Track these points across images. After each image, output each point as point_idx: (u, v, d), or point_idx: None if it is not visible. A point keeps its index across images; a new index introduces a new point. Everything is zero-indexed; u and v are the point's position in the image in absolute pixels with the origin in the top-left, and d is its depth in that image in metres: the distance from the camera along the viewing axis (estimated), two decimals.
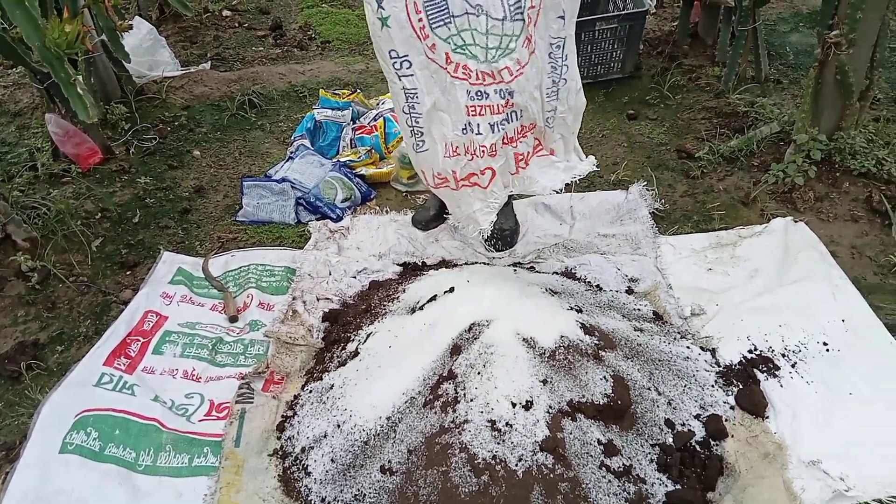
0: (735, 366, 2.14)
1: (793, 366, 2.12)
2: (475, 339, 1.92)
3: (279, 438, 2.03)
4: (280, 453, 1.98)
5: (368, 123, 3.38)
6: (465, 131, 2.06)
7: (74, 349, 2.35)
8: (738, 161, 3.10)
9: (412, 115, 2.05)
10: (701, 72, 3.82)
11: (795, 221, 2.64)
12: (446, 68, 1.98)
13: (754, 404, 1.99)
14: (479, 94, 2.02)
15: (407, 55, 1.96)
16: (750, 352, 2.18)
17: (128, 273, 2.70)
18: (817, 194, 2.81)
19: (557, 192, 2.31)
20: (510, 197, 2.74)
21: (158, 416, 2.04)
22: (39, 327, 2.43)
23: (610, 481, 1.74)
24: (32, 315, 2.48)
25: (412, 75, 1.99)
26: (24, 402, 2.14)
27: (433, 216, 2.86)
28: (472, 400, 1.81)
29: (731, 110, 3.45)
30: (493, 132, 2.06)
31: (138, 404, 2.07)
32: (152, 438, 1.98)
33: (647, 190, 2.92)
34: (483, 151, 2.08)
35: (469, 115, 2.03)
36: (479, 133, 2.04)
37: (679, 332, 2.27)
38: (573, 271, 2.57)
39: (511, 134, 2.11)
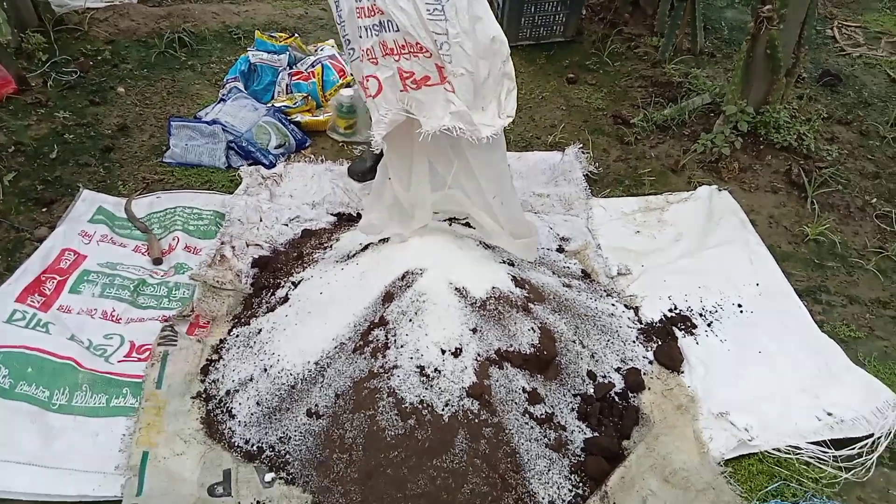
0: (656, 323, 2.23)
1: (709, 325, 2.22)
2: (408, 286, 1.92)
3: (203, 381, 1.99)
4: (203, 396, 1.95)
5: (306, 70, 3.28)
6: (359, 36, 1.93)
7: None
8: (670, 129, 3.18)
9: (339, 23, 1.97)
10: (640, 41, 3.89)
11: (720, 190, 2.75)
12: None
13: (671, 359, 2.09)
14: None
15: None
16: (670, 311, 2.27)
17: (43, 210, 2.55)
18: (741, 165, 2.92)
19: (439, 132, 1.93)
20: None
21: (74, 356, 1.96)
22: None
23: (532, 427, 1.79)
24: None
25: None
26: None
27: (370, 167, 2.82)
28: (402, 346, 1.82)
29: (667, 80, 3.54)
30: (368, 35, 1.91)
31: (53, 342, 1.98)
32: (68, 377, 1.90)
33: (583, 153, 2.97)
34: (363, 56, 1.94)
35: (357, 18, 1.91)
36: (360, 36, 1.92)
37: (605, 290, 2.34)
38: None
39: (391, 45, 1.93)
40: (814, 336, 2.18)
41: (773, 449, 1.85)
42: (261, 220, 2.56)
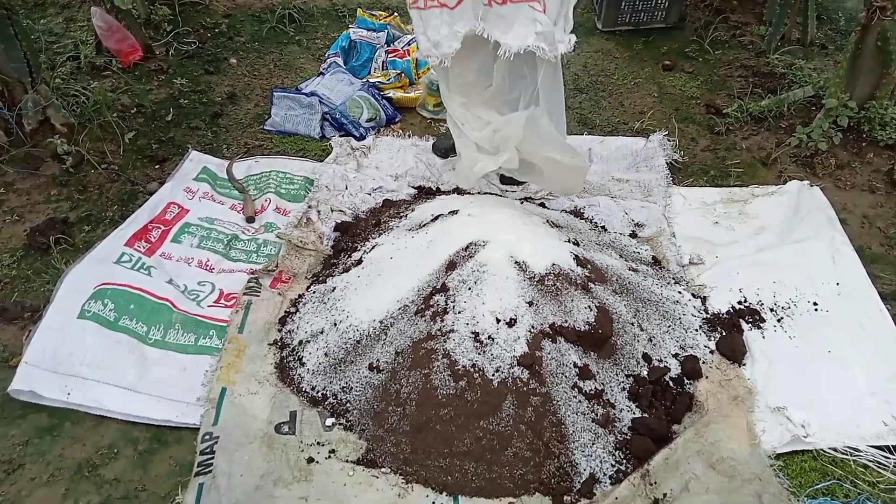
0: (723, 315, 2.20)
1: (779, 320, 2.17)
2: (470, 257, 2.00)
3: (279, 331, 2.16)
4: (279, 343, 2.12)
5: (402, 47, 3.41)
6: None
7: (100, 230, 2.49)
8: (765, 121, 3.07)
9: None
10: (746, 29, 3.74)
11: (811, 185, 2.64)
12: None
13: (733, 350, 2.06)
14: None
15: None
16: (739, 303, 2.23)
17: (156, 167, 2.82)
18: (839, 161, 2.79)
19: (521, 51, 1.95)
20: None
21: (171, 297, 2.19)
22: (70, 207, 2.58)
23: (580, 401, 1.84)
24: (64, 195, 2.63)
25: None
26: (51, 271, 2.31)
27: (453, 145, 2.91)
28: (459, 312, 1.91)
29: (770, 70, 3.40)
30: None
31: (153, 284, 2.21)
32: (163, 316, 2.13)
33: (668, 140, 2.92)
34: None
35: None
36: None
37: (674, 278, 2.32)
38: (581, 210, 2.62)
39: None
40: (893, 340, 2.08)
41: (830, 448, 1.81)
42: (346, 188, 2.72)
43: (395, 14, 3.63)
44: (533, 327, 1.88)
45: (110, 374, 1.97)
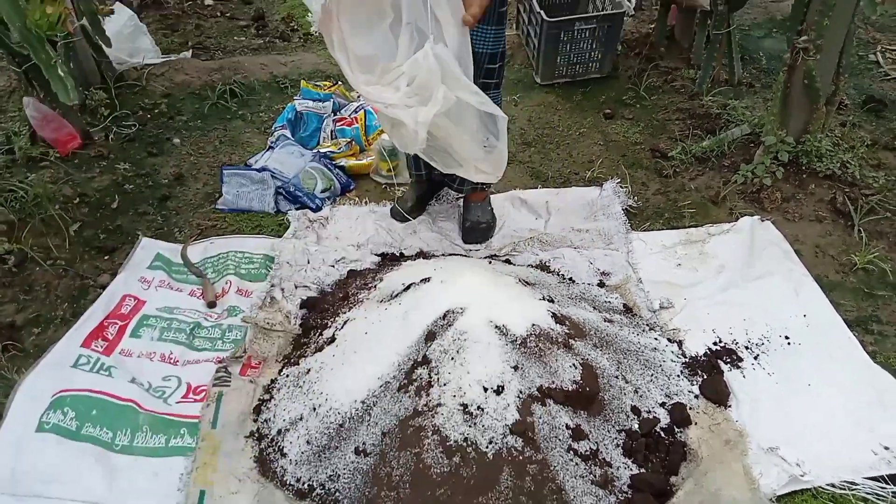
0: (700, 357, 2.22)
1: (755, 358, 2.20)
2: (449, 325, 1.97)
3: (255, 421, 2.06)
4: (256, 435, 2.02)
5: (349, 115, 3.41)
6: None
7: (51, 331, 2.36)
8: (709, 161, 3.18)
9: None
10: (676, 74, 3.91)
11: (762, 220, 2.73)
12: None
13: (717, 393, 2.07)
14: None
15: None
16: (715, 344, 2.26)
17: (106, 258, 2.70)
18: (784, 195, 2.90)
19: None
20: (488, 191, 2.80)
21: (136, 398, 2.06)
22: (16, 309, 2.44)
23: (577, 464, 1.80)
24: (9, 297, 2.48)
25: None
26: (1, 382, 2.15)
27: (411, 207, 2.91)
28: (445, 384, 1.86)
29: (705, 112, 3.54)
30: None
31: (115, 386, 2.08)
32: (129, 419, 2.00)
33: (621, 187, 2.99)
34: None
35: None
36: None
37: (648, 324, 2.34)
38: (547, 264, 2.63)
39: None
40: (865, 367, 2.14)
41: (828, 484, 1.81)
42: (308, 262, 2.66)
43: (339, 83, 3.64)
44: (521, 392, 1.85)
45: (76, 489, 1.82)
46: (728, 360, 2.20)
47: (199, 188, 3.13)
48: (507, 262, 2.66)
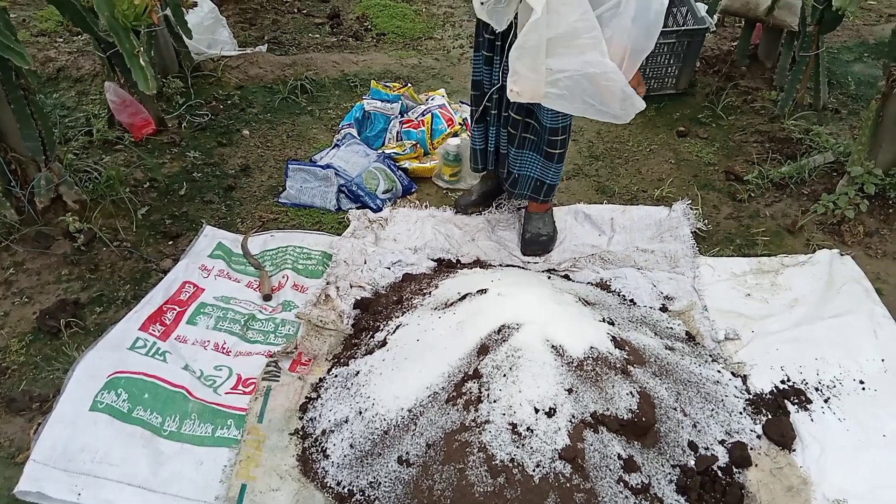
0: (766, 395, 2.10)
1: (826, 401, 2.07)
2: (504, 340, 1.91)
3: (301, 419, 2.06)
4: (301, 433, 2.01)
5: (416, 118, 3.40)
6: None
7: (112, 311, 2.41)
8: (787, 188, 3.03)
9: None
10: (757, 94, 3.75)
11: (842, 255, 2.58)
12: None
13: (782, 436, 1.95)
14: None
15: None
16: (783, 382, 2.14)
17: (170, 243, 2.76)
18: (867, 229, 2.73)
19: None
20: (551, 203, 2.74)
21: (186, 385, 2.08)
22: (81, 287, 2.50)
23: (626, 497, 1.72)
24: (76, 275, 2.55)
25: None
26: (61, 357, 2.21)
27: (474, 201, 2.90)
28: (495, 401, 1.80)
29: (785, 136, 3.38)
30: None
31: (168, 371, 2.11)
32: (179, 405, 2.02)
33: (691, 209, 2.88)
34: None
35: None
36: None
37: (711, 355, 2.23)
38: (608, 283, 2.54)
39: None
40: None
41: None
42: (365, 263, 2.65)
43: (409, 85, 3.63)
44: (574, 417, 1.78)
45: (123, 472, 1.85)
46: (796, 400, 2.08)
47: (263, 180, 3.17)
48: (566, 277, 2.59)
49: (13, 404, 2.05)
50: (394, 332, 2.19)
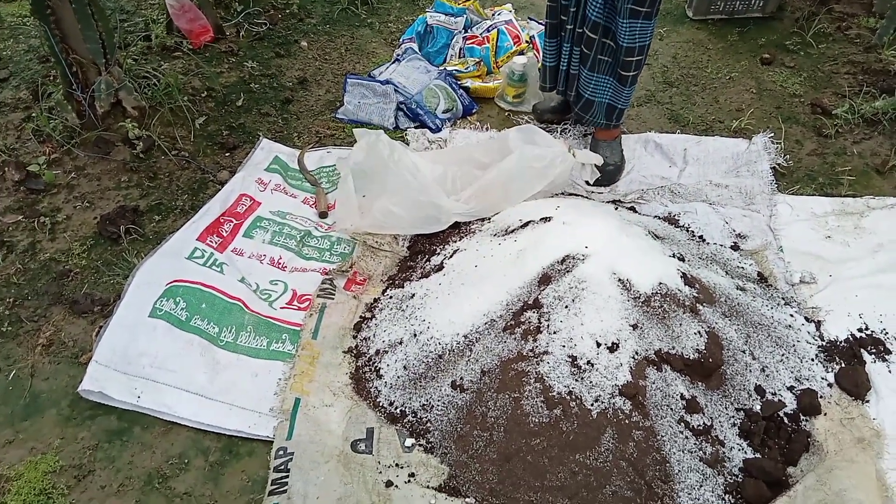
0: (840, 342, 1.99)
1: None
2: (567, 271, 1.83)
3: (355, 338, 2.04)
4: (354, 352, 2.00)
5: (481, 34, 3.22)
6: None
7: (171, 220, 2.41)
8: (879, 125, 2.80)
9: None
10: (853, 21, 3.44)
11: None
12: None
13: (856, 385, 1.85)
14: None
15: None
16: (860, 330, 2.01)
17: (227, 154, 2.72)
18: None
19: None
20: (620, 129, 2.59)
21: (243, 297, 2.08)
22: (140, 194, 2.50)
23: (687, 437, 1.66)
24: (135, 182, 2.55)
25: None
26: (121, 263, 2.23)
27: (553, 108, 2.85)
28: (555, 332, 1.74)
29: (882, 68, 3.10)
30: None
31: (225, 282, 2.11)
32: (235, 317, 2.02)
33: (772, 142, 2.69)
34: None
35: None
36: None
37: (784, 298, 2.11)
38: (676, 217, 2.42)
39: None
40: None
41: None
42: None
43: None
44: (637, 353, 1.71)
45: (180, 378, 1.88)
46: (873, 350, 1.96)
47: (321, 94, 3.08)
48: (633, 209, 2.46)
49: (76, 306, 2.09)
50: (451, 256, 2.13)
